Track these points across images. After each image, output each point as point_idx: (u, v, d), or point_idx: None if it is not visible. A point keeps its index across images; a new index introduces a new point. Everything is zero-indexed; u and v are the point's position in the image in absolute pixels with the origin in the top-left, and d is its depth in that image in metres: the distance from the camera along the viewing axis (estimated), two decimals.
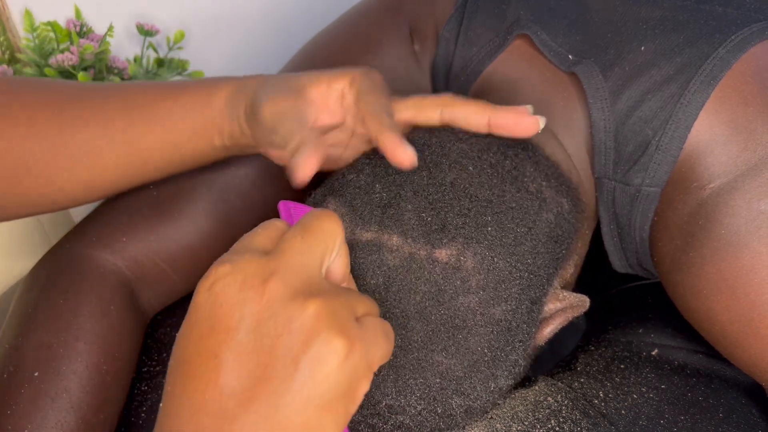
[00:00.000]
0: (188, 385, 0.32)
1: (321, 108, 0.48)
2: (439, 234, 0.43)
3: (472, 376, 0.43)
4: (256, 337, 0.31)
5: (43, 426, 0.48)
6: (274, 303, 0.32)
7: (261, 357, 0.31)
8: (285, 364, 0.31)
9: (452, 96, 0.48)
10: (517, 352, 0.45)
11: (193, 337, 0.32)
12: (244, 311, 0.32)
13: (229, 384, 0.31)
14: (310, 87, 0.48)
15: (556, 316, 0.49)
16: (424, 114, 0.48)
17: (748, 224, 0.46)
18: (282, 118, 0.46)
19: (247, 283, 0.32)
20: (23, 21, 0.70)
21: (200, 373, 0.32)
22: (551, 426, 0.48)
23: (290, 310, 0.32)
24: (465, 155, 0.46)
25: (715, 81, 0.49)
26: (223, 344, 0.31)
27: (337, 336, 0.32)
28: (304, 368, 0.31)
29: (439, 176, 0.45)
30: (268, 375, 0.31)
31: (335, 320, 0.32)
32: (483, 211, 0.44)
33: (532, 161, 0.49)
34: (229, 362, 0.31)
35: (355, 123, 0.49)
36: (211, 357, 0.31)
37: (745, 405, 0.52)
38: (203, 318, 0.32)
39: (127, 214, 0.58)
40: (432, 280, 0.42)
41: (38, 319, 0.52)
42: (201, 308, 0.33)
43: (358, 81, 0.47)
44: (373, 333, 0.35)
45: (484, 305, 0.43)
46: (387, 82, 0.49)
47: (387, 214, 0.44)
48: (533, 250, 0.45)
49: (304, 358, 0.31)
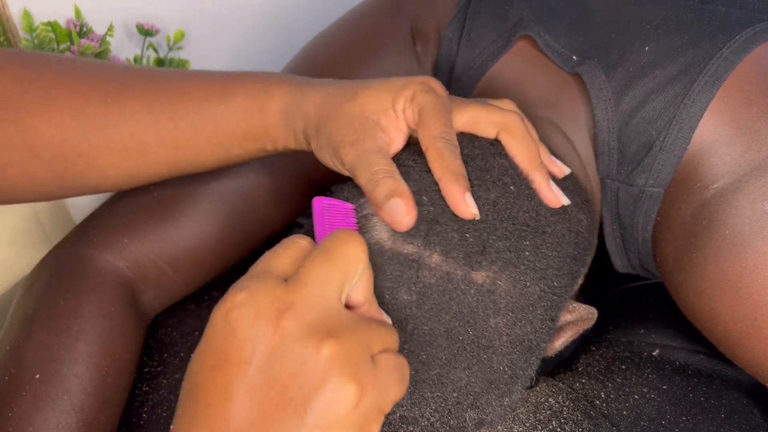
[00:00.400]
0: (199, 412, 0.32)
1: (393, 135, 0.46)
2: (479, 256, 0.42)
3: (489, 392, 0.43)
4: (268, 373, 0.31)
5: (45, 428, 0.48)
6: (287, 340, 0.32)
7: (271, 394, 0.31)
8: (295, 405, 0.31)
9: (512, 117, 0.47)
10: (532, 368, 0.45)
11: (206, 365, 0.32)
12: (257, 346, 0.31)
13: (238, 419, 0.31)
14: (382, 116, 0.46)
15: (567, 329, 0.49)
16: (481, 130, 0.47)
17: (752, 224, 0.46)
18: (365, 161, 0.44)
19: (261, 316, 0.32)
20: (22, 21, 0.70)
21: (210, 403, 0.31)
22: (552, 427, 0.48)
23: (303, 349, 0.31)
24: (506, 172, 0.46)
25: (719, 81, 0.49)
26: (235, 379, 0.31)
27: (349, 382, 0.31)
28: (314, 411, 0.31)
29: (483, 194, 0.44)
30: (278, 414, 0.31)
31: (349, 365, 0.32)
32: (522, 235, 0.44)
33: (560, 182, 0.49)
34: (239, 397, 0.31)
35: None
36: (221, 390, 0.31)
37: (746, 405, 0.52)
38: (217, 347, 0.32)
39: (128, 214, 0.58)
40: (465, 301, 0.42)
41: (39, 320, 0.52)
42: (215, 336, 0.33)
43: (419, 98, 0.45)
44: (387, 376, 0.34)
45: (511, 326, 0.43)
46: (444, 88, 0.48)
47: (433, 231, 0.43)
48: (559, 273, 0.45)
49: (315, 401, 0.31)
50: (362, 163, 0.43)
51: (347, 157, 0.44)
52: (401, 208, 0.42)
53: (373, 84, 0.47)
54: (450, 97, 0.47)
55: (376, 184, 0.42)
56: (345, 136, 0.45)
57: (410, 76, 0.47)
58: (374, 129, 0.45)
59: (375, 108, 0.46)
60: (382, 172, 0.43)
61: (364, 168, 0.43)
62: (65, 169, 0.49)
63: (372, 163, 0.43)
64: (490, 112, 0.47)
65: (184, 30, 0.78)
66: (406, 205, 0.42)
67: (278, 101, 0.49)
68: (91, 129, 0.48)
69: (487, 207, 0.44)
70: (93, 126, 0.48)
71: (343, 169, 0.46)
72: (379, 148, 0.44)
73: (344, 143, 0.44)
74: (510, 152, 0.46)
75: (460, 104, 0.47)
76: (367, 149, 0.44)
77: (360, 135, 0.44)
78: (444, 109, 0.45)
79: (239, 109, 0.49)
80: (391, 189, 0.42)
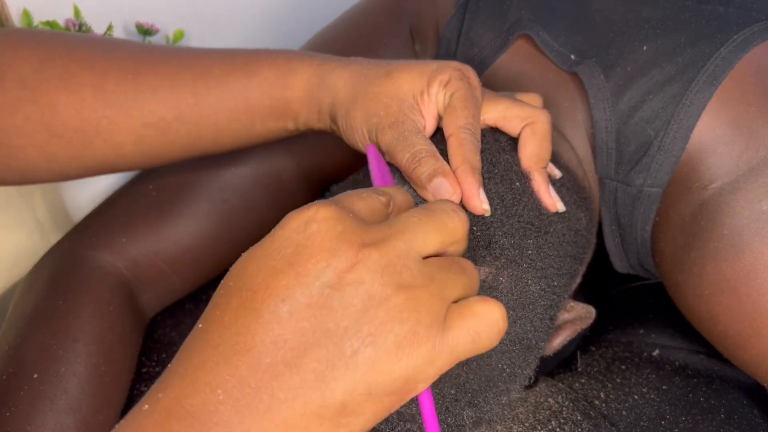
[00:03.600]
0: (241, 318, 0.29)
1: (426, 118, 0.46)
2: (484, 251, 0.42)
3: (487, 390, 0.43)
4: (332, 295, 0.29)
5: (43, 428, 0.48)
6: (363, 269, 0.29)
7: (326, 320, 0.29)
8: (350, 338, 0.29)
9: (540, 116, 0.46)
10: (531, 367, 0.45)
11: (267, 266, 0.30)
12: (332, 262, 0.29)
13: (285, 335, 0.29)
14: (418, 99, 0.45)
15: (565, 328, 0.49)
16: (508, 124, 0.47)
17: (750, 225, 0.46)
18: (405, 140, 0.43)
19: (344, 238, 0.30)
20: (21, 21, 0.70)
21: (261, 312, 0.29)
22: (552, 427, 0.48)
23: (377, 285, 0.29)
24: (510, 168, 0.46)
25: (717, 81, 0.49)
26: (296, 288, 0.29)
27: (412, 338, 0.29)
28: (366, 353, 0.29)
29: (492, 188, 0.44)
30: (325, 342, 0.29)
31: (417, 318, 0.30)
32: (527, 233, 0.44)
33: (558, 180, 0.49)
34: (296, 309, 0.29)
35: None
36: (279, 299, 0.29)
37: (746, 405, 0.52)
38: (287, 251, 0.30)
39: (126, 214, 0.58)
40: None
41: (37, 320, 0.52)
42: (287, 240, 0.30)
43: (452, 84, 0.45)
44: (457, 335, 0.31)
45: (510, 324, 0.43)
46: (477, 78, 0.47)
47: None
48: (559, 272, 0.46)
49: (372, 344, 0.29)
50: (402, 143, 0.43)
51: (385, 137, 0.43)
52: (446, 187, 0.41)
53: (408, 65, 0.46)
54: (483, 89, 0.47)
55: (417, 163, 0.42)
56: (383, 117, 0.44)
57: (445, 60, 0.47)
58: (412, 111, 0.45)
59: (411, 89, 0.45)
60: (424, 152, 0.42)
61: (405, 148, 0.43)
62: (83, 147, 0.48)
63: (412, 144, 0.43)
64: (521, 109, 0.47)
65: (183, 30, 0.78)
66: (451, 183, 0.41)
67: (302, 76, 0.48)
68: (109, 105, 0.48)
69: (496, 201, 0.44)
70: (112, 102, 0.48)
71: (352, 136, 0.46)
72: (419, 130, 0.44)
73: (383, 125, 0.44)
74: (523, 148, 0.46)
75: (492, 98, 0.47)
76: (407, 130, 0.43)
77: (399, 117, 0.44)
78: (474, 100, 0.45)
79: (263, 84, 0.49)
80: (434, 168, 0.41)
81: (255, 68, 0.49)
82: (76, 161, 0.49)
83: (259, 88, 0.49)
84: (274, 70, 0.49)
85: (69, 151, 0.48)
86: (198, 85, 0.49)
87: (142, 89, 0.48)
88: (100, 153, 0.49)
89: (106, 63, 0.48)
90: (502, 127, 0.47)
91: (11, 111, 0.47)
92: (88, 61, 0.48)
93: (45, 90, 0.47)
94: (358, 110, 0.45)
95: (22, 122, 0.47)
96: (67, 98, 0.47)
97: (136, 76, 0.48)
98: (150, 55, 0.50)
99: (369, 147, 0.44)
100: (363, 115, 0.45)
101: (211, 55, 0.50)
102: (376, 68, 0.47)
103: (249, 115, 0.49)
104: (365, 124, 0.45)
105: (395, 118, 0.44)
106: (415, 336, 0.29)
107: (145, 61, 0.49)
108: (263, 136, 0.51)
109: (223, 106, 0.49)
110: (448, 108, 0.44)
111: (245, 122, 0.50)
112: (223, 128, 0.50)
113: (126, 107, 0.48)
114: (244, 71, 0.49)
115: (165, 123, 0.49)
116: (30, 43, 0.48)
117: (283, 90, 0.48)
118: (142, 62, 0.49)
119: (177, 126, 0.49)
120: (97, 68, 0.48)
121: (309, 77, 0.48)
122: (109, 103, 0.48)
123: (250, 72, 0.49)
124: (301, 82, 0.48)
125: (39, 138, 0.47)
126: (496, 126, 0.48)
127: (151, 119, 0.48)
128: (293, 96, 0.48)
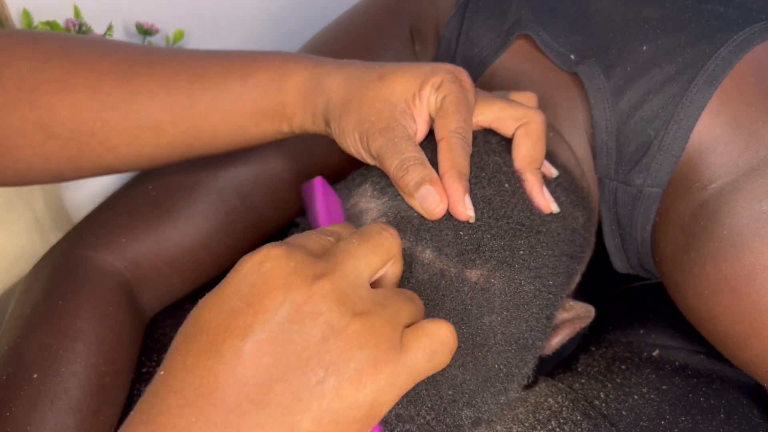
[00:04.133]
0: (203, 361, 0.30)
1: (418, 123, 0.45)
2: (473, 254, 0.42)
3: (485, 390, 0.43)
4: (290, 330, 0.30)
5: (43, 427, 0.48)
6: (319, 300, 0.30)
7: (288, 353, 0.29)
8: (313, 368, 0.29)
9: (534, 117, 0.46)
10: (528, 366, 0.45)
11: (225, 309, 0.30)
12: (288, 296, 0.30)
13: (248, 373, 0.29)
14: (410, 103, 0.45)
15: (564, 327, 0.49)
16: (502, 126, 0.47)
17: (750, 225, 0.46)
18: (394, 147, 0.43)
19: (297, 273, 0.31)
20: (21, 21, 0.70)
21: (222, 349, 0.29)
22: (552, 427, 0.48)
23: (334, 315, 0.30)
24: (499, 170, 0.46)
25: (717, 81, 0.49)
26: (256, 325, 0.30)
27: (372, 363, 0.30)
28: (330, 381, 0.29)
29: (479, 192, 0.44)
30: (289, 375, 0.29)
31: (375, 343, 0.31)
32: (517, 234, 0.44)
33: (554, 180, 0.49)
34: (256, 345, 0.29)
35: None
36: (239, 338, 0.29)
37: (746, 406, 0.52)
38: (243, 292, 0.31)
39: (126, 214, 0.58)
40: (459, 299, 0.42)
41: (37, 321, 0.52)
42: (243, 282, 0.31)
43: (444, 87, 0.44)
44: (414, 356, 0.32)
45: (505, 324, 0.43)
46: (470, 80, 0.47)
47: (424, 227, 0.43)
48: (554, 271, 0.45)
49: (335, 372, 0.30)
50: (391, 149, 0.43)
51: (375, 143, 0.43)
52: (433, 195, 0.41)
53: (401, 68, 0.46)
54: (476, 90, 0.47)
55: (405, 171, 0.42)
56: (374, 123, 0.44)
57: (438, 63, 0.46)
58: (403, 116, 0.44)
59: (403, 93, 0.45)
60: (412, 159, 0.42)
61: (393, 155, 0.43)
62: (80, 149, 0.48)
63: (401, 150, 0.42)
64: (515, 110, 0.47)
65: (183, 30, 0.78)
66: (438, 192, 0.41)
67: (297, 79, 0.48)
68: (105, 107, 0.48)
69: (483, 205, 0.44)
70: (108, 104, 0.48)
71: (366, 156, 0.45)
72: (409, 136, 0.44)
73: (373, 130, 0.44)
74: (517, 149, 0.46)
75: (486, 99, 0.47)
76: (396, 136, 0.43)
77: (390, 122, 0.44)
78: (466, 103, 0.45)
79: (258, 87, 0.49)
80: (422, 176, 0.42)
81: (251, 71, 0.49)
82: (72, 162, 0.49)
83: (254, 90, 0.49)
84: (270, 72, 0.49)
85: (65, 153, 0.48)
86: (194, 87, 0.49)
87: (138, 91, 0.48)
88: (96, 154, 0.49)
89: (103, 65, 0.48)
90: (497, 129, 0.47)
91: (9, 111, 0.47)
92: (85, 63, 0.48)
93: (43, 91, 0.47)
94: (350, 114, 0.45)
95: (19, 123, 0.47)
96: (64, 99, 0.47)
97: (132, 78, 0.48)
98: (147, 58, 0.50)
99: (315, 180, 0.45)
100: (355, 119, 0.45)
101: (209, 57, 0.51)
102: (369, 71, 0.47)
103: (244, 117, 0.49)
104: (357, 129, 0.45)
105: (386, 124, 0.44)
106: (376, 361, 0.30)
107: (142, 63, 0.49)
108: (259, 138, 0.51)
109: (218, 109, 0.49)
110: (440, 111, 0.44)
111: (241, 124, 0.50)
112: (219, 130, 0.50)
113: (122, 109, 0.48)
114: (241, 74, 0.49)
115: (161, 125, 0.49)
116: (28, 44, 0.48)
117: (278, 93, 0.49)
118: (139, 64, 0.49)
119: (172, 128, 0.49)
120: (94, 70, 0.48)
121: (304, 80, 0.48)
122: (105, 105, 0.48)
123: (246, 74, 0.49)
124: (295, 85, 0.48)
125: (35, 139, 0.48)
126: (491, 127, 0.47)
127: (147, 121, 0.49)
128: (288, 99, 0.48)
